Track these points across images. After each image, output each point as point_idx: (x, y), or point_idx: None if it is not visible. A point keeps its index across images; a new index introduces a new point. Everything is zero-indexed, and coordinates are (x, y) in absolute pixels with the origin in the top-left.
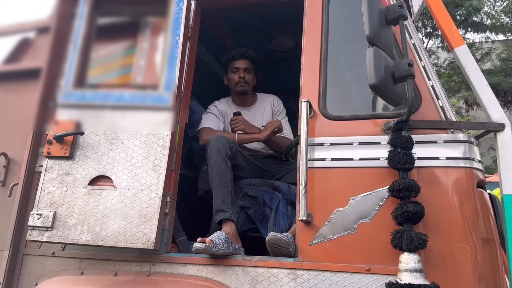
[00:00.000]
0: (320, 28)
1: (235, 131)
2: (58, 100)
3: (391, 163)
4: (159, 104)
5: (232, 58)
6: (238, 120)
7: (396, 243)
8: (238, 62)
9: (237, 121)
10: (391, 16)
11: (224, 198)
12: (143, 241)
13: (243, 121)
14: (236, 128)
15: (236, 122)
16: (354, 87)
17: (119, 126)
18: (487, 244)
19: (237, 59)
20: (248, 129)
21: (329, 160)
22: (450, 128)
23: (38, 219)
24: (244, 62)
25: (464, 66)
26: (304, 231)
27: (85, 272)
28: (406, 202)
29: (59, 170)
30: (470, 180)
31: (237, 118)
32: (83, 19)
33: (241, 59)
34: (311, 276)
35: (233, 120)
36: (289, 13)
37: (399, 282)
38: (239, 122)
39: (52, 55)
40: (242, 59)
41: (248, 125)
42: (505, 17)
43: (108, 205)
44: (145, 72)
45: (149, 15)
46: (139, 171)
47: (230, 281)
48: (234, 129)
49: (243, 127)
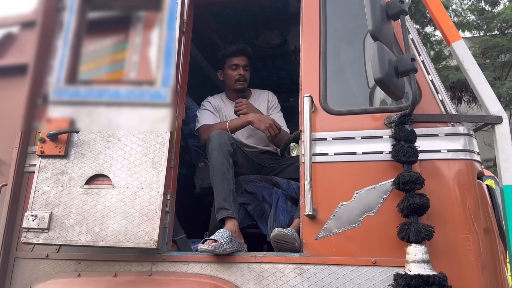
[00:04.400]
0: (318, 22)
1: (238, 115)
2: (50, 97)
3: (396, 156)
4: (157, 101)
5: (231, 54)
6: (243, 103)
7: (404, 235)
8: (237, 59)
9: (241, 104)
10: (392, 11)
11: (227, 196)
12: (146, 240)
13: (247, 104)
14: (240, 112)
15: (240, 105)
16: (355, 82)
17: (116, 123)
18: (487, 234)
19: (237, 56)
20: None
21: (332, 155)
22: (450, 121)
23: (33, 221)
24: (244, 59)
25: (462, 60)
26: (309, 226)
27: (83, 274)
28: (411, 195)
29: (54, 169)
30: (470, 172)
31: (241, 100)
32: (73, 13)
33: (241, 56)
34: (318, 270)
35: (238, 103)
36: (277, 8)
37: (408, 273)
38: (243, 105)
39: (39, 51)
40: (242, 56)
41: (252, 109)
42: (471, 15)
43: (107, 204)
44: (139, 67)
45: (141, 10)
46: (138, 169)
47: (235, 278)
48: (237, 112)
49: (246, 111)
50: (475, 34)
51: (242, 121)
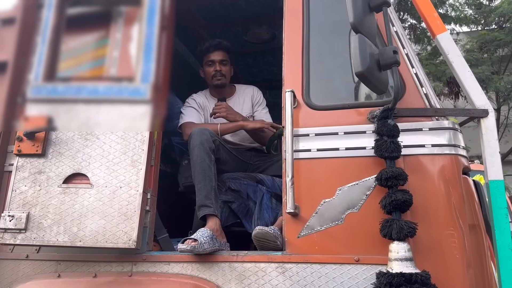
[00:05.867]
0: (301, 17)
1: (215, 117)
2: (27, 95)
3: (378, 151)
4: (136, 97)
5: (206, 51)
6: (222, 106)
7: (386, 232)
8: (212, 55)
9: (220, 107)
10: (374, 2)
11: (208, 193)
12: (124, 240)
13: (227, 108)
14: (218, 114)
15: (219, 108)
16: (338, 76)
17: (94, 121)
18: (473, 230)
19: (212, 51)
20: (230, 117)
21: (315, 151)
22: (434, 115)
23: (10, 221)
24: (219, 53)
25: (447, 53)
26: (292, 224)
27: (63, 275)
28: (394, 191)
29: (31, 168)
30: (455, 167)
31: (220, 104)
32: (51, 10)
33: (216, 51)
34: (300, 269)
35: (217, 106)
36: (265, 3)
37: (390, 271)
38: (222, 109)
39: (19, 48)
40: (217, 51)
41: (231, 113)
42: (468, 9)
43: (85, 204)
44: (119, 63)
45: (121, 5)
46: (117, 168)
47: (217, 278)
48: (215, 114)
49: (225, 115)
50: (472, 28)
51: (235, 126)
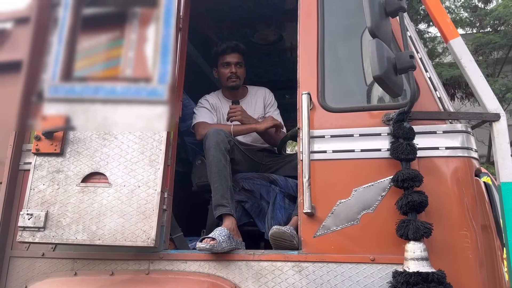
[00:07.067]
0: (316, 19)
1: (231, 121)
2: (45, 94)
3: (394, 154)
4: (154, 98)
5: (223, 52)
6: (237, 110)
7: (402, 233)
8: (229, 56)
9: (235, 111)
10: (390, 8)
11: (224, 193)
12: (143, 238)
13: (242, 111)
14: (234, 118)
15: (235, 112)
16: (353, 79)
17: (112, 121)
18: (485, 231)
19: (228, 53)
20: (245, 120)
21: (330, 152)
22: (448, 118)
23: (29, 219)
24: (235, 56)
25: (460, 58)
26: (308, 224)
27: (79, 273)
28: (410, 192)
29: (49, 167)
30: (468, 169)
31: (235, 107)
32: (68, 10)
33: (232, 53)
34: (316, 268)
35: (232, 109)
36: (273, 5)
37: (407, 270)
38: (237, 112)
39: (33, 47)
40: (234, 53)
41: (246, 116)
42: (464, 12)
43: (104, 202)
44: (135, 64)
45: (136, 6)
46: (135, 167)
47: (234, 276)
48: (231, 118)
49: (240, 118)
50: (468, 31)
51: (249, 129)
